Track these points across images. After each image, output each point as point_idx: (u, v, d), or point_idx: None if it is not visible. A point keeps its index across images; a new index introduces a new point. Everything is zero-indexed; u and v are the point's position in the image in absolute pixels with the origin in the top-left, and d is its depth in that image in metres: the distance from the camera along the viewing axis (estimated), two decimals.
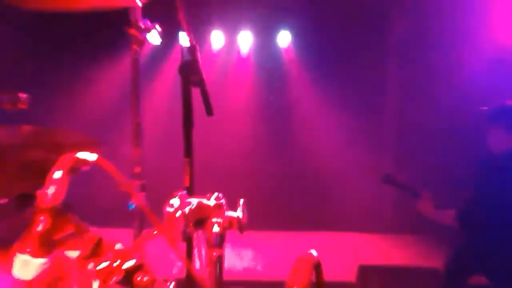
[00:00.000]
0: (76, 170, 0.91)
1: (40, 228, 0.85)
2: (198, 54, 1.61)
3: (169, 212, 0.98)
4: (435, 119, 5.02)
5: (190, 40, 1.59)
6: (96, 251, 0.91)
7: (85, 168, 0.94)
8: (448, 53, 4.88)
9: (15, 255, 0.86)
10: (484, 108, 2.74)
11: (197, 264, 1.25)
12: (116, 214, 2.58)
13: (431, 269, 3.26)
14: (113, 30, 2.74)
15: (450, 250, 2.79)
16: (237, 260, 4.32)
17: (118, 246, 0.92)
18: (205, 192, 1.08)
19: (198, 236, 1.06)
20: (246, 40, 5.93)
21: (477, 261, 2.58)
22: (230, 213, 1.04)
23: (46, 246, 0.86)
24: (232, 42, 5.97)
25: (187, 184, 1.66)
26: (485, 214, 2.50)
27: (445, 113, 4.89)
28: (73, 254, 0.95)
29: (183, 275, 1.40)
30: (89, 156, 0.92)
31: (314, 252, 1.20)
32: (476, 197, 2.63)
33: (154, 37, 1.73)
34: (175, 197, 1.00)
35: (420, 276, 3.29)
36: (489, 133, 2.59)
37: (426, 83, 5.11)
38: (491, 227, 2.47)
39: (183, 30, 1.55)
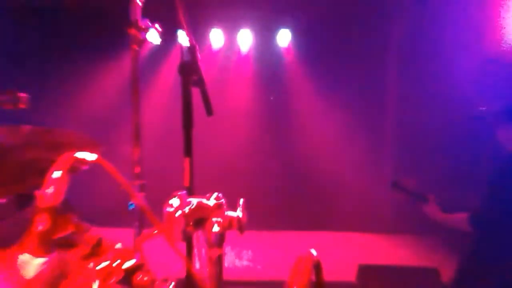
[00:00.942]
0: (75, 169, 0.91)
1: (40, 228, 0.85)
2: (198, 54, 1.61)
3: (169, 212, 0.97)
4: (435, 120, 5.02)
5: (189, 40, 1.59)
6: (96, 251, 0.91)
7: (85, 167, 0.94)
8: (448, 54, 4.87)
9: (15, 255, 0.86)
10: (483, 108, 2.72)
11: (197, 264, 1.25)
12: (116, 214, 2.58)
13: (430, 268, 3.26)
14: (113, 30, 2.75)
15: (462, 254, 2.74)
16: (237, 260, 4.32)
17: (118, 246, 0.92)
18: (205, 192, 1.08)
19: (198, 236, 1.06)
20: (246, 39, 5.92)
21: (491, 265, 2.52)
22: (230, 213, 1.04)
23: (46, 245, 0.86)
24: (232, 41, 5.96)
25: (187, 184, 1.66)
26: (501, 215, 2.44)
27: (445, 114, 4.88)
28: (73, 253, 0.95)
29: (183, 275, 1.40)
30: (89, 156, 0.92)
31: (314, 252, 1.20)
32: (490, 198, 2.56)
33: (154, 37, 1.73)
34: (175, 197, 1.00)
35: (419, 276, 3.29)
36: (499, 131, 2.54)
37: (426, 83, 5.11)
38: (508, 228, 2.41)
39: (183, 30, 1.55)
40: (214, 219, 1.01)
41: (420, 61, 5.12)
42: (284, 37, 5.90)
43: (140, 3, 1.65)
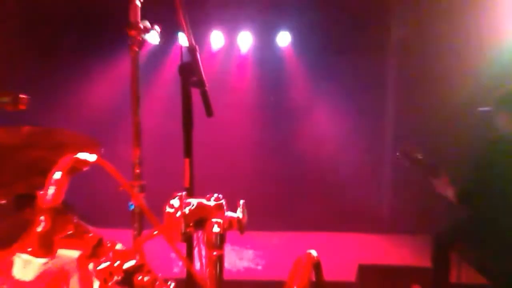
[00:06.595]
0: (76, 170, 0.92)
1: (40, 228, 0.85)
2: (198, 55, 1.62)
3: (169, 212, 0.98)
4: (435, 119, 5.02)
5: (189, 41, 1.59)
6: (96, 252, 0.91)
7: (85, 168, 0.95)
8: (448, 53, 4.88)
9: (15, 255, 0.86)
10: (483, 109, 2.76)
11: (197, 264, 1.25)
12: (116, 214, 2.59)
13: (430, 268, 3.26)
14: (113, 30, 2.75)
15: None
16: (237, 260, 4.32)
17: (118, 246, 0.92)
18: (205, 192, 1.08)
19: (198, 236, 1.06)
20: (246, 40, 5.92)
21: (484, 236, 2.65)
22: (230, 214, 1.04)
23: (47, 246, 0.86)
24: (232, 43, 5.96)
25: (187, 184, 1.66)
26: (491, 190, 2.57)
27: (445, 113, 4.89)
28: (74, 254, 0.96)
29: (183, 275, 1.41)
30: (89, 157, 0.92)
31: (314, 252, 1.20)
32: (479, 175, 2.66)
33: (153, 37, 1.74)
34: (175, 198, 1.00)
35: (419, 275, 3.30)
36: (499, 116, 2.64)
37: (425, 82, 5.11)
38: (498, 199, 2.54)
39: (183, 31, 1.55)
40: (214, 220, 1.01)
41: (420, 61, 5.12)
42: (284, 38, 5.90)
43: (139, 4, 1.65)
